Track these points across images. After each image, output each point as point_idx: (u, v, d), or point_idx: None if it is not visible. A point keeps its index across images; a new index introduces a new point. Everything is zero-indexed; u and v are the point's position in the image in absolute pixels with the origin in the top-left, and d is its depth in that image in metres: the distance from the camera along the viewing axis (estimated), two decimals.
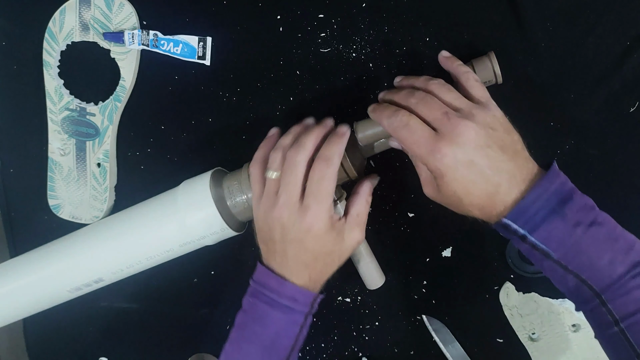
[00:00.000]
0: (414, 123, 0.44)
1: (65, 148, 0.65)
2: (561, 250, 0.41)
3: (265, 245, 0.50)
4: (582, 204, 0.41)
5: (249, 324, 0.49)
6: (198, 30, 0.60)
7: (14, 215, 0.71)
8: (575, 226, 0.40)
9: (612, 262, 0.40)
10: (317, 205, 0.46)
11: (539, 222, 0.41)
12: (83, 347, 0.73)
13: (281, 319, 0.48)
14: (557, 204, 0.41)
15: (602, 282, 0.40)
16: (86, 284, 0.61)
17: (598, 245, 0.40)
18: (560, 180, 0.42)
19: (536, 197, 0.41)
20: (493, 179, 0.42)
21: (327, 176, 0.46)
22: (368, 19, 0.56)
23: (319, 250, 0.47)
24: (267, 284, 0.48)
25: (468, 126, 0.42)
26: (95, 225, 0.62)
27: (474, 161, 0.42)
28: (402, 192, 0.61)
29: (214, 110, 0.62)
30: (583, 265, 0.41)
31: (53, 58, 0.62)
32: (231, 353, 0.50)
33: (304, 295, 0.48)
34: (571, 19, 0.53)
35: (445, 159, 0.42)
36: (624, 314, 0.40)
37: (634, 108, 0.54)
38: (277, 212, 0.47)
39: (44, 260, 0.62)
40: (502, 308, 0.61)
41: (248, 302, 0.50)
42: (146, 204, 0.59)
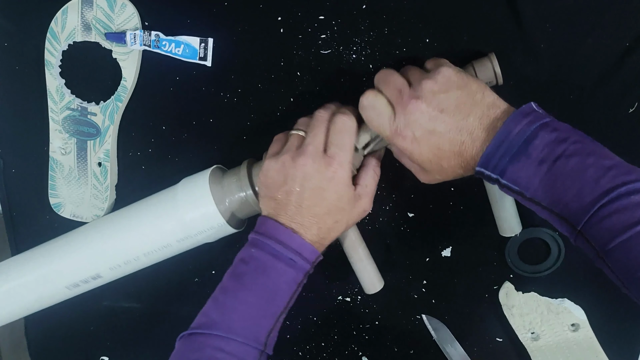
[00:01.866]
0: (378, 103, 0.48)
1: (66, 147, 0.65)
2: (531, 189, 0.42)
3: (275, 200, 0.50)
4: (549, 140, 0.41)
5: (249, 274, 0.48)
6: (199, 32, 0.60)
7: (15, 214, 0.71)
8: (540, 163, 0.41)
9: (580, 193, 0.40)
10: (342, 153, 0.49)
11: (506, 165, 0.42)
12: (84, 346, 0.74)
13: (285, 271, 0.48)
14: (522, 145, 0.41)
15: (574, 215, 0.40)
16: (84, 280, 0.61)
17: (565, 179, 0.40)
18: (529, 119, 0.42)
19: (501, 140, 0.42)
20: (455, 139, 0.44)
21: (347, 127, 0.49)
22: (368, 21, 0.57)
23: (334, 203, 0.49)
24: (274, 236, 0.48)
25: (416, 103, 0.45)
26: (93, 222, 0.62)
27: (433, 130, 0.45)
28: (402, 192, 0.61)
29: (214, 111, 0.62)
30: (553, 201, 0.41)
31: (55, 58, 0.63)
32: (225, 301, 0.49)
33: (309, 251, 0.49)
34: (571, 19, 0.53)
35: (406, 139, 0.46)
36: (600, 245, 0.39)
37: (634, 109, 0.54)
38: (302, 160, 0.48)
39: (41, 257, 0.62)
40: (501, 307, 0.61)
41: (249, 253, 0.49)
42: (145, 201, 0.59)
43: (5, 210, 0.71)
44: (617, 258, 0.39)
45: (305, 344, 0.67)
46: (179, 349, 0.49)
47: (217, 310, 0.49)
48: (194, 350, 0.47)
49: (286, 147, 0.51)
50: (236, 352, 0.46)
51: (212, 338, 0.47)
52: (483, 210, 0.59)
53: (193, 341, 0.48)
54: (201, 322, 0.49)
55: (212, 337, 0.47)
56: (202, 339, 0.47)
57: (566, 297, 0.60)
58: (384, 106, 0.47)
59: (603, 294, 0.59)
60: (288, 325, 0.67)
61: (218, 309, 0.49)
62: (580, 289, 0.60)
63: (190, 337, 0.48)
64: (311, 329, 0.67)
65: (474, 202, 0.59)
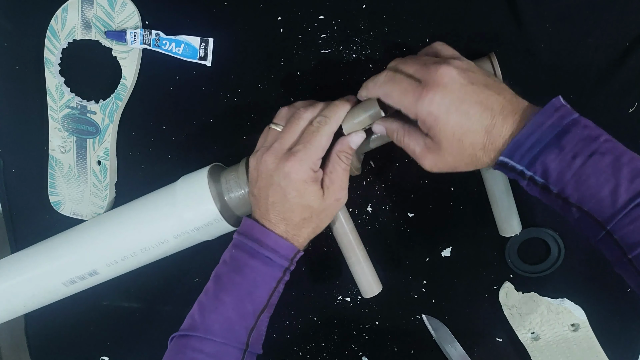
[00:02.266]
0: (398, 76, 0.45)
1: (65, 146, 0.65)
2: (560, 184, 0.40)
3: (253, 196, 0.51)
4: (583, 136, 0.40)
5: (227, 274, 0.49)
6: (200, 31, 0.60)
7: (15, 213, 0.71)
8: (573, 157, 0.39)
9: (615, 192, 0.38)
10: (303, 153, 0.47)
11: (535, 156, 0.40)
12: (84, 346, 0.73)
13: (260, 269, 0.48)
14: (554, 137, 0.40)
15: (604, 212, 0.39)
16: (80, 277, 0.61)
17: (599, 175, 0.39)
18: (560, 114, 0.40)
19: (531, 130, 0.40)
20: (486, 112, 0.42)
21: (321, 130, 0.48)
22: (368, 20, 0.57)
23: (297, 201, 0.48)
24: (249, 233, 0.49)
25: (448, 68, 0.43)
26: (91, 220, 0.62)
27: (463, 97, 0.42)
28: (402, 192, 0.61)
29: (214, 110, 0.62)
30: (584, 197, 0.39)
31: (54, 56, 0.63)
32: (206, 303, 0.49)
33: (285, 248, 0.49)
34: (571, 19, 0.53)
35: (435, 100, 0.42)
36: (630, 244, 0.38)
37: (633, 108, 0.54)
38: (266, 156, 0.48)
39: (37, 254, 0.62)
40: (501, 307, 0.61)
41: (229, 254, 0.50)
42: (144, 197, 0.60)
43: (5, 208, 0.71)
44: None
45: (305, 344, 0.67)
46: (168, 350, 0.50)
47: (199, 312, 0.49)
48: (178, 352, 0.48)
49: (265, 142, 0.51)
50: (215, 353, 0.47)
51: (193, 340, 0.48)
52: (483, 210, 0.59)
53: (178, 343, 0.49)
54: (186, 325, 0.50)
55: (193, 339, 0.48)
56: (184, 341, 0.48)
57: (566, 297, 0.60)
58: (404, 77, 0.45)
59: (603, 294, 0.59)
60: (288, 325, 0.67)
61: (200, 310, 0.49)
62: (580, 289, 0.60)
63: (177, 339, 0.49)
64: (311, 329, 0.67)
65: (474, 202, 0.59)
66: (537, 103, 0.43)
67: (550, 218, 0.58)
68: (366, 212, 0.62)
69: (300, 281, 0.65)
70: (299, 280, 0.65)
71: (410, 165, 0.60)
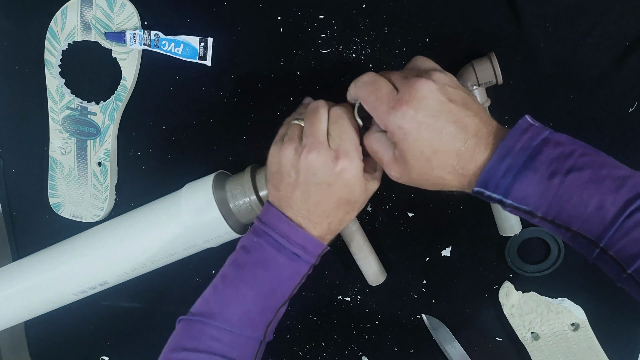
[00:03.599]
0: (379, 81, 0.43)
1: (66, 147, 0.65)
2: (542, 207, 0.38)
3: (278, 190, 0.47)
4: (556, 154, 0.38)
5: (250, 266, 0.47)
6: (199, 31, 0.60)
7: (15, 214, 0.71)
8: (550, 177, 0.37)
9: (601, 206, 0.36)
10: (346, 143, 0.45)
11: (510, 183, 0.38)
12: (84, 346, 0.74)
13: (287, 265, 0.46)
14: (526, 160, 0.38)
15: (595, 230, 0.37)
16: (91, 287, 0.62)
17: (581, 192, 0.37)
18: (528, 135, 0.38)
19: (501, 157, 0.38)
20: (460, 134, 0.40)
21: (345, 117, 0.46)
22: (368, 20, 0.57)
23: (345, 196, 0.46)
24: (277, 227, 0.46)
25: (427, 82, 0.41)
26: (99, 229, 0.62)
27: (437, 115, 0.40)
28: (402, 192, 0.61)
29: (214, 110, 0.62)
30: (570, 217, 0.37)
31: (54, 57, 0.63)
32: (224, 291, 0.47)
33: (315, 245, 0.47)
34: (571, 19, 0.53)
35: (407, 114, 0.40)
36: (627, 259, 0.36)
37: (633, 108, 0.54)
38: (305, 154, 0.45)
39: (49, 263, 0.62)
40: (501, 307, 0.61)
41: (252, 242, 0.47)
42: (149, 208, 0.59)
43: (5, 210, 0.71)
44: None
45: (305, 344, 0.67)
46: (178, 332, 0.49)
47: (217, 300, 0.48)
48: (192, 337, 0.47)
49: (287, 136, 0.48)
50: (234, 344, 0.46)
51: (210, 328, 0.47)
52: (483, 210, 0.59)
53: (191, 327, 0.48)
54: (200, 310, 0.48)
55: (210, 327, 0.47)
56: (200, 327, 0.47)
57: (566, 296, 0.60)
58: (383, 82, 0.43)
59: (603, 293, 0.59)
60: (288, 325, 0.67)
61: (217, 298, 0.48)
62: (580, 289, 0.60)
63: (188, 322, 0.48)
64: (311, 328, 0.67)
65: (474, 202, 0.59)
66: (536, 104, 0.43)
67: None
68: (366, 212, 0.62)
69: None
70: None
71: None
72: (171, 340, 0.49)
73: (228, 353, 0.46)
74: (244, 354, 0.47)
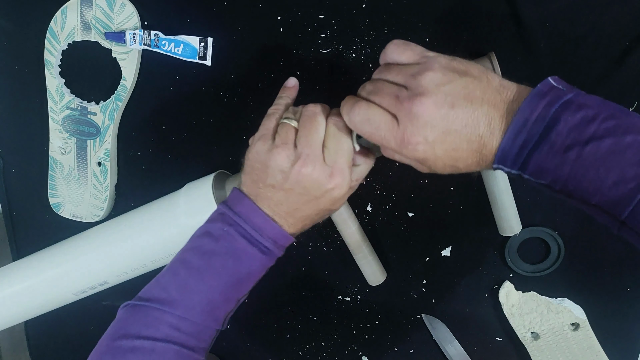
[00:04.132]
0: (373, 115, 0.41)
1: (66, 147, 0.65)
2: (560, 181, 0.36)
3: (258, 186, 0.45)
4: (576, 121, 0.35)
5: (219, 255, 0.45)
6: (199, 31, 0.60)
7: (15, 214, 0.71)
8: (566, 151, 0.35)
9: (620, 180, 0.34)
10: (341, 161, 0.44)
11: (526, 159, 0.36)
12: (84, 346, 0.73)
13: (257, 258, 0.45)
14: (543, 131, 0.36)
15: (615, 204, 0.34)
16: (91, 287, 0.62)
17: (599, 164, 0.34)
18: (546, 101, 0.36)
19: (516, 132, 0.36)
20: (473, 135, 0.38)
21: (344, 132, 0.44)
22: (368, 20, 0.57)
23: (327, 207, 0.46)
24: (251, 219, 0.45)
25: (421, 102, 0.38)
26: (99, 229, 0.62)
27: (447, 130, 0.38)
28: (402, 192, 0.61)
29: (214, 110, 0.62)
30: (587, 191, 0.35)
31: (54, 57, 0.63)
32: (188, 279, 0.45)
33: (285, 239, 0.46)
34: (571, 19, 0.53)
35: (419, 148, 0.39)
36: None
37: (633, 108, 0.54)
38: (299, 166, 0.43)
39: (49, 263, 0.62)
40: (501, 307, 0.61)
41: (220, 230, 0.45)
42: (149, 208, 0.59)
43: (5, 209, 0.71)
44: None
45: (305, 344, 0.67)
46: (126, 318, 0.46)
47: (178, 288, 0.45)
48: (148, 325, 0.44)
49: (279, 137, 0.45)
50: (193, 332, 0.45)
51: (168, 316, 0.44)
52: (483, 210, 0.59)
53: (145, 314, 0.45)
54: (157, 296, 0.45)
55: (168, 315, 0.44)
56: (157, 314, 0.44)
57: (566, 296, 0.60)
58: (380, 116, 0.40)
59: (603, 293, 0.59)
60: (288, 325, 0.67)
61: (179, 286, 0.45)
62: (580, 289, 0.60)
63: (141, 308, 0.45)
64: (311, 328, 0.67)
65: (474, 202, 0.59)
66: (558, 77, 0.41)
67: (550, 218, 0.58)
68: (366, 212, 0.62)
69: (300, 281, 0.65)
70: (299, 280, 0.65)
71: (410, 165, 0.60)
72: (120, 326, 0.45)
73: (186, 342, 0.44)
74: (201, 342, 0.45)
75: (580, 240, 0.58)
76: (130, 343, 0.44)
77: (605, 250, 0.58)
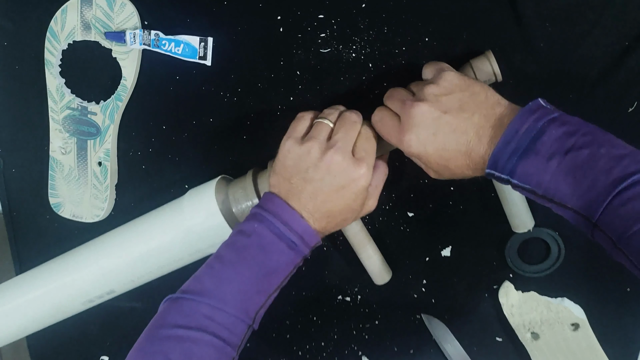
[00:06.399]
0: (384, 116, 0.50)
1: (66, 147, 0.65)
2: (542, 186, 0.41)
3: (289, 183, 0.49)
4: (559, 134, 0.40)
5: (250, 249, 0.48)
6: (199, 31, 0.60)
7: (15, 214, 0.71)
8: (549, 159, 0.40)
9: (593, 185, 0.39)
10: (369, 159, 0.49)
11: (515, 165, 0.41)
12: (84, 345, 0.74)
13: (285, 252, 0.48)
14: (530, 142, 0.41)
15: (588, 207, 0.39)
16: (98, 296, 0.62)
17: (577, 171, 0.39)
18: (535, 117, 0.41)
19: (507, 140, 0.41)
20: (461, 139, 0.44)
21: (372, 139, 0.51)
22: (368, 19, 0.57)
23: (350, 203, 0.49)
24: (280, 215, 0.48)
25: (419, 106, 0.46)
26: (103, 239, 0.62)
27: (436, 132, 0.45)
28: (402, 192, 0.61)
29: (214, 110, 0.62)
30: (565, 196, 0.40)
31: (54, 57, 0.63)
32: (222, 271, 0.48)
33: (311, 237, 0.49)
34: (571, 18, 0.53)
35: (412, 144, 0.46)
36: (617, 234, 0.38)
37: (633, 108, 0.54)
38: (331, 154, 0.48)
39: (55, 274, 0.63)
40: (501, 307, 0.61)
41: (252, 227, 0.48)
42: (153, 215, 0.60)
43: (5, 210, 0.71)
44: (635, 246, 0.37)
45: (305, 344, 0.67)
46: (166, 309, 0.48)
47: (212, 279, 0.48)
48: (184, 315, 0.46)
49: (313, 133, 0.49)
50: (226, 323, 0.46)
51: (202, 306, 0.46)
52: (483, 210, 0.59)
53: (182, 305, 0.47)
54: (193, 288, 0.48)
55: (203, 305, 0.46)
56: (192, 305, 0.47)
57: (566, 296, 0.60)
58: (389, 117, 0.49)
59: (603, 293, 0.59)
60: (288, 324, 0.67)
61: (213, 277, 0.48)
62: (580, 289, 0.60)
63: (178, 300, 0.47)
64: (311, 328, 0.67)
65: (474, 201, 0.59)
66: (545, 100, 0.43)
67: (550, 218, 0.58)
68: None
69: (300, 281, 0.65)
70: (299, 280, 0.65)
71: (410, 165, 0.60)
72: (159, 317, 0.48)
73: (219, 332, 0.46)
74: (233, 336, 0.47)
75: (580, 240, 0.58)
76: (167, 332, 0.46)
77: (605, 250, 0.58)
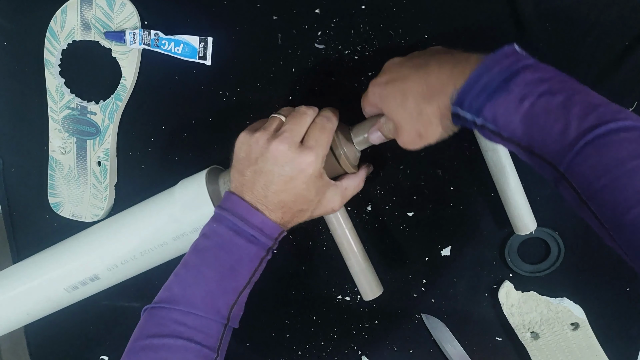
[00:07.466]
0: None
1: (66, 146, 0.65)
2: (509, 128, 0.39)
3: (243, 175, 0.49)
4: (534, 78, 0.38)
5: (210, 249, 0.48)
6: (199, 31, 0.60)
7: (15, 214, 0.71)
8: (521, 100, 0.38)
9: (565, 131, 0.36)
10: (317, 148, 0.48)
11: (483, 102, 0.39)
12: (84, 345, 0.74)
13: (245, 246, 0.48)
14: (502, 82, 0.39)
15: (557, 154, 0.37)
16: (82, 282, 0.61)
17: (548, 116, 0.37)
18: (510, 60, 0.39)
19: (477, 78, 0.39)
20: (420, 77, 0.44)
21: (327, 128, 0.50)
22: (367, 19, 0.57)
23: (303, 193, 0.49)
24: (235, 211, 0.48)
25: (393, 59, 0.50)
26: (92, 227, 0.62)
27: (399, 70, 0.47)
28: (402, 192, 0.61)
29: (214, 109, 0.62)
30: (533, 139, 0.38)
31: (54, 57, 0.63)
32: (186, 275, 0.49)
33: (271, 228, 0.49)
34: (571, 18, 0.53)
35: (378, 84, 0.48)
36: (584, 186, 0.36)
37: (633, 108, 0.54)
38: (277, 144, 0.48)
39: (38, 263, 0.62)
40: (501, 307, 0.61)
41: (211, 228, 0.49)
42: (144, 202, 0.60)
43: (5, 209, 0.71)
44: (603, 200, 0.35)
45: (304, 344, 0.67)
46: (142, 322, 0.49)
47: (179, 285, 0.48)
48: (157, 324, 0.47)
49: (264, 126, 0.50)
50: (198, 326, 0.47)
51: (174, 312, 0.47)
52: (483, 210, 0.59)
53: (155, 314, 0.48)
54: (164, 297, 0.48)
55: (174, 312, 0.47)
56: (163, 313, 0.47)
57: (566, 296, 0.60)
58: None
59: (603, 293, 0.59)
60: (288, 324, 0.67)
61: (180, 283, 0.49)
62: (580, 289, 0.60)
63: (153, 310, 0.48)
64: (311, 328, 0.67)
65: (474, 201, 0.59)
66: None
67: (550, 218, 0.58)
68: (366, 212, 0.62)
69: (300, 281, 0.65)
70: (299, 280, 0.65)
71: (410, 165, 0.60)
72: (137, 329, 0.49)
73: (193, 336, 0.46)
74: (208, 337, 0.47)
75: (580, 240, 0.58)
76: (143, 343, 0.47)
77: (605, 250, 0.58)
